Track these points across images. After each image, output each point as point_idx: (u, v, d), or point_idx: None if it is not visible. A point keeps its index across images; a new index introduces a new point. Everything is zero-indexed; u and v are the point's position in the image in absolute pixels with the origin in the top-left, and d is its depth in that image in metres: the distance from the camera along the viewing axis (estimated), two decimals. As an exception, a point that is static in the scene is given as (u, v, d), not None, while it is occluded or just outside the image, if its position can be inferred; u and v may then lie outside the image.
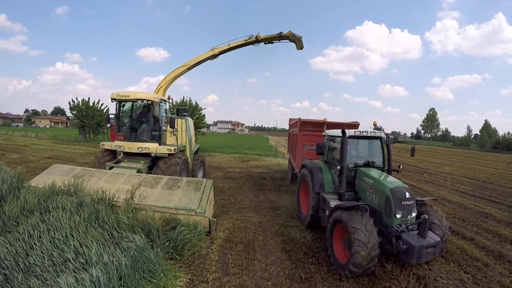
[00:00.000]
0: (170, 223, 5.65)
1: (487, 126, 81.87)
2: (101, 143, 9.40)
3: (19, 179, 7.30)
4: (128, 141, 8.87)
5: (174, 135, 9.51)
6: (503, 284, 5.01)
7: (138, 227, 5.19)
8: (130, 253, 4.38)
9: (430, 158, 31.05)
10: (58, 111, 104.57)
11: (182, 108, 11.04)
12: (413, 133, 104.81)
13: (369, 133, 6.37)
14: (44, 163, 14.60)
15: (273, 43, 12.90)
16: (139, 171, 8.08)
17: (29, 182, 6.99)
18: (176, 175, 7.99)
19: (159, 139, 8.98)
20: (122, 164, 8.61)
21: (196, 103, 26.30)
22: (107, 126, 9.91)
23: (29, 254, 4.23)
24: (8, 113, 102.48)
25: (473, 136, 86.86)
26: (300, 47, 13.01)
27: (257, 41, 12.35)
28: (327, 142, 7.15)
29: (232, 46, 12.29)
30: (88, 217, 5.13)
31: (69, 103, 29.12)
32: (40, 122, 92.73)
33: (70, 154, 19.25)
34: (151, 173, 8.23)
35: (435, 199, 7.82)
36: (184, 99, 26.03)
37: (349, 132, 6.14)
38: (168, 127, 9.15)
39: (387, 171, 6.45)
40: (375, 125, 7.43)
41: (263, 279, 4.84)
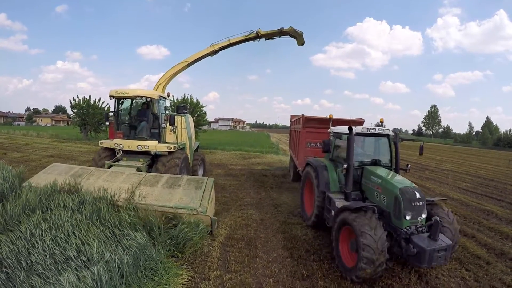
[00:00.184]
0: (172, 221, 5.64)
1: (488, 123, 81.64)
2: (99, 141, 9.30)
3: (20, 178, 7.33)
4: (127, 139, 8.74)
5: (174, 132, 9.39)
6: (504, 282, 5.00)
7: (140, 224, 5.20)
8: (131, 251, 4.39)
9: (431, 155, 31.00)
10: (59, 109, 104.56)
11: (181, 105, 10.92)
12: (414, 130, 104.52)
13: (377, 130, 6.14)
14: (46, 162, 14.62)
15: (273, 39, 12.80)
16: (138, 169, 7.98)
17: (27, 182, 6.94)
18: (176, 174, 7.89)
19: (158, 137, 8.86)
20: (121, 163, 8.49)
21: (197, 100, 26.25)
22: (106, 124, 9.86)
23: (31, 252, 4.24)
24: (9, 112, 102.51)
25: (474, 133, 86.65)
26: (301, 42, 12.89)
27: (257, 37, 12.23)
28: (333, 140, 6.93)
29: (232, 42, 12.16)
30: (90, 215, 5.15)
31: (70, 101, 29.20)
32: (41, 120, 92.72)
33: (72, 152, 19.28)
34: (150, 172, 8.13)
35: (444, 199, 7.49)
36: (185, 97, 25.98)
37: (356, 129, 5.91)
38: (168, 124, 9.01)
39: (394, 170, 6.24)
40: (382, 122, 7.14)
41: (265, 276, 4.85)
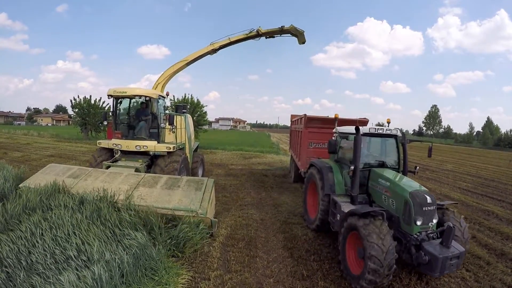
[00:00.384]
0: (172, 221, 5.63)
1: (489, 123, 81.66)
2: (97, 141, 9.15)
3: (21, 178, 7.35)
4: (126, 139, 8.58)
5: (173, 132, 9.25)
6: (505, 282, 4.99)
7: (140, 224, 5.19)
8: (132, 250, 4.39)
9: (432, 155, 30.92)
10: (60, 109, 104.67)
11: (181, 105, 10.78)
12: (415, 130, 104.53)
13: (385, 130, 5.94)
14: (46, 161, 14.64)
15: (274, 37, 12.70)
16: (137, 170, 7.83)
17: (24, 183, 6.82)
18: (176, 174, 7.78)
19: (157, 136, 8.71)
20: (119, 163, 8.31)
21: (198, 100, 26.29)
22: (104, 124, 9.74)
23: (31, 252, 4.24)
24: (10, 111, 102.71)
25: (475, 133, 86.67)
26: (302, 41, 12.79)
27: (258, 35, 12.14)
28: (338, 140, 6.67)
29: (232, 40, 12.05)
30: (90, 215, 5.15)
31: (71, 101, 29.28)
32: (42, 120, 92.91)
33: (72, 152, 19.29)
34: (149, 172, 8.00)
35: (455, 203, 7.16)
36: (185, 96, 26.03)
37: (363, 129, 5.68)
38: (167, 124, 8.86)
39: (402, 172, 6.00)
40: (389, 123, 6.89)
41: (265, 276, 4.84)
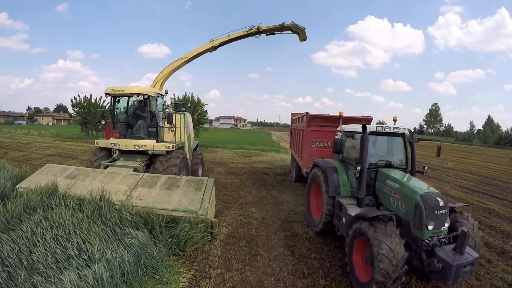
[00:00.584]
0: (172, 220, 5.60)
1: (490, 122, 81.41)
2: (95, 141, 9.01)
3: (22, 177, 7.34)
4: (124, 138, 8.42)
5: (172, 131, 9.07)
6: (505, 281, 4.98)
7: (141, 223, 5.19)
8: (133, 249, 4.39)
9: (432, 153, 30.88)
10: (61, 108, 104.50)
11: (180, 103, 10.50)
12: (415, 128, 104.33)
13: (392, 129, 5.70)
14: (47, 161, 14.65)
15: (274, 34, 12.54)
16: (135, 170, 7.67)
17: (20, 184, 6.71)
18: (175, 174, 7.64)
19: (156, 135, 8.57)
20: (117, 163, 8.16)
21: (198, 98, 26.36)
22: (102, 123, 9.61)
23: (32, 251, 4.24)
24: (11, 111, 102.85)
25: (476, 132, 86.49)
26: (303, 38, 12.60)
27: (258, 32, 11.96)
28: (344, 139, 6.35)
29: (232, 37, 11.89)
30: (91, 214, 5.14)
31: (71, 100, 29.28)
32: (43, 119, 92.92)
33: (73, 151, 19.32)
34: (148, 172, 7.86)
35: (467, 205, 6.83)
36: (186, 95, 26.06)
37: (370, 128, 5.42)
38: (166, 123, 8.68)
39: (410, 172, 5.78)
40: (395, 120, 6.64)
41: (266, 274, 4.84)
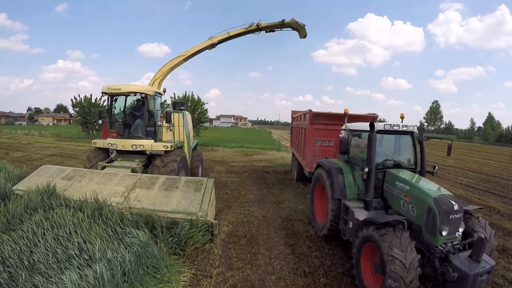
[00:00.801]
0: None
1: (490, 119, 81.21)
2: (92, 141, 8.88)
3: (22, 177, 7.34)
4: (122, 138, 8.25)
5: (170, 130, 8.90)
6: (506, 279, 4.97)
7: (142, 222, 5.18)
8: (133, 248, 4.39)
9: (433, 150, 30.88)
10: (61, 108, 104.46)
11: (179, 102, 10.38)
12: (416, 125, 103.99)
13: (401, 126, 5.40)
14: (48, 161, 14.67)
15: (274, 31, 12.44)
16: (133, 170, 7.55)
17: (17, 186, 6.67)
18: (174, 174, 7.53)
19: (154, 135, 8.41)
20: (115, 164, 8.01)
21: (199, 97, 26.37)
22: (99, 123, 9.30)
23: (33, 251, 4.24)
24: (11, 111, 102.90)
25: (476, 129, 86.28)
26: (303, 35, 12.57)
27: (258, 29, 11.86)
28: (349, 138, 5.98)
29: (231, 34, 11.76)
30: (92, 214, 5.14)
31: (72, 100, 29.29)
32: (43, 120, 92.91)
33: (74, 151, 19.33)
34: (146, 173, 7.76)
35: (480, 207, 6.50)
36: (186, 94, 26.06)
37: (378, 126, 5.14)
38: (164, 122, 8.48)
39: (419, 172, 5.50)
40: (402, 118, 6.38)
41: (267, 273, 4.84)
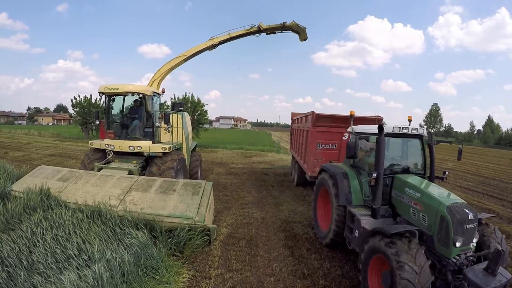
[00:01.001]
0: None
1: (490, 122, 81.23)
2: (89, 142, 8.67)
3: (21, 177, 7.33)
4: (119, 139, 8.04)
5: (169, 132, 8.77)
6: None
7: (141, 223, 5.17)
8: (133, 249, 4.39)
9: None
10: (61, 108, 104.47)
11: (177, 103, 10.18)
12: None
13: (410, 130, 5.12)
14: (47, 161, 14.67)
15: (275, 33, 12.46)
16: (130, 172, 7.41)
17: (11, 187, 6.57)
18: (172, 177, 7.40)
19: (152, 136, 8.20)
20: (112, 165, 7.86)
21: (199, 99, 26.36)
22: (96, 123, 9.04)
23: (32, 251, 4.24)
24: (11, 111, 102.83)
25: (476, 132, 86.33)
26: (303, 38, 12.56)
27: (259, 31, 11.83)
28: (356, 141, 5.67)
29: (232, 36, 11.72)
30: (91, 214, 5.14)
31: (72, 100, 29.30)
32: (43, 119, 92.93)
33: (73, 151, 19.32)
34: (144, 174, 7.66)
35: (494, 215, 6.13)
36: (186, 95, 26.09)
37: (387, 129, 4.87)
38: (163, 123, 8.34)
39: (428, 178, 5.23)
40: (410, 121, 6.06)
41: (266, 275, 4.83)
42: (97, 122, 8.97)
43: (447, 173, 5.37)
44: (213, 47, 11.70)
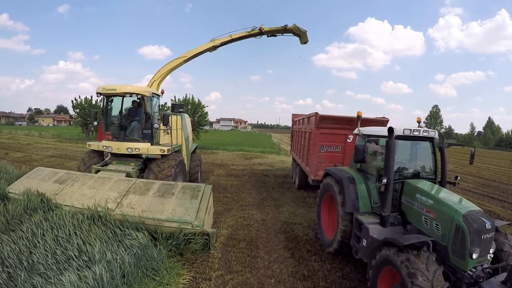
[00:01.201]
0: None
1: (490, 124, 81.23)
2: (87, 143, 8.51)
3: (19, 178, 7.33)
4: (117, 140, 7.91)
5: (168, 133, 8.62)
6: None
7: (141, 224, 5.16)
8: (133, 251, 4.39)
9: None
10: (61, 109, 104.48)
11: (177, 104, 10.10)
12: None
13: (422, 132, 4.84)
14: (48, 162, 14.69)
15: (276, 36, 12.48)
16: (128, 175, 7.25)
17: (7, 189, 6.49)
18: (170, 179, 7.23)
19: (151, 138, 8.00)
20: (110, 167, 7.70)
21: (199, 100, 26.38)
22: (94, 124, 9.02)
23: (33, 252, 4.24)
24: (11, 112, 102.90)
25: (476, 134, 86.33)
26: (304, 41, 12.64)
27: (260, 33, 11.86)
28: (365, 145, 5.30)
29: (234, 37, 11.75)
30: (91, 215, 5.14)
31: (72, 101, 29.28)
32: (43, 120, 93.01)
33: (74, 152, 19.32)
34: (142, 177, 7.50)
35: (509, 223, 5.77)
36: (186, 97, 26.13)
37: (397, 131, 4.54)
38: (161, 124, 8.16)
39: (439, 183, 5.02)
40: (419, 122, 5.78)
41: (266, 276, 4.83)
42: (95, 123, 8.78)
43: (459, 177, 5.08)
44: (214, 48, 11.70)
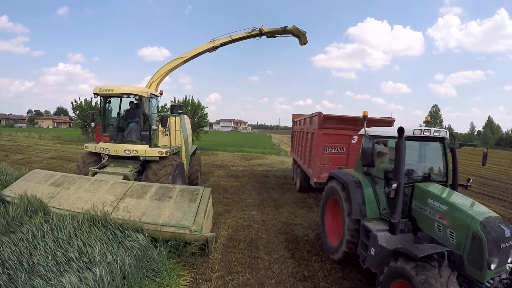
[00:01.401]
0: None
1: (490, 123, 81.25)
2: (84, 145, 8.33)
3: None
4: (114, 142, 7.78)
5: (166, 135, 8.46)
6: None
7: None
8: (133, 252, 4.39)
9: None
10: (61, 111, 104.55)
11: (176, 105, 10.00)
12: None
13: (432, 132, 4.55)
14: (48, 164, 14.69)
15: (275, 37, 12.50)
16: (125, 177, 7.12)
17: (4, 191, 6.46)
18: (169, 182, 7.13)
19: (149, 140, 7.87)
20: (107, 169, 7.58)
21: (199, 101, 26.39)
22: (91, 126, 8.67)
23: (33, 254, 4.25)
24: (11, 114, 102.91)
25: (476, 133, 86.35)
26: (303, 42, 12.70)
27: (260, 34, 11.87)
28: (374, 147, 4.87)
29: (233, 38, 11.72)
30: (92, 217, 5.14)
31: (72, 103, 29.23)
32: (43, 122, 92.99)
33: (74, 154, 19.32)
34: (140, 180, 7.37)
35: None
36: (186, 98, 26.15)
37: (407, 131, 4.14)
38: (160, 126, 8.05)
39: (451, 186, 4.73)
40: (427, 122, 5.37)
41: (266, 277, 4.83)
42: (93, 124, 8.55)
43: (471, 180, 4.84)
44: (214, 49, 11.67)
